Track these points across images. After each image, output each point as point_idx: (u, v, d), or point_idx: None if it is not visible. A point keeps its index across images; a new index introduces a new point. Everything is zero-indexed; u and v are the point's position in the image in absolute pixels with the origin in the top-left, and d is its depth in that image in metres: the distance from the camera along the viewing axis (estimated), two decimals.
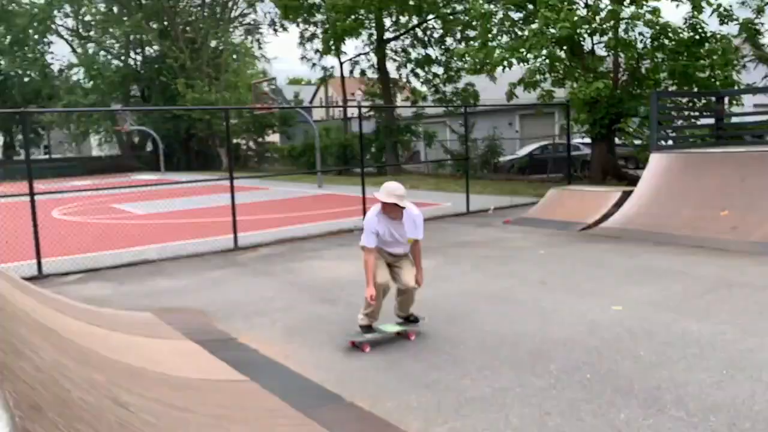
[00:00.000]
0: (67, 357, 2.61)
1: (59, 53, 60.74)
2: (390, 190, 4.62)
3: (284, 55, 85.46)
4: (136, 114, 36.09)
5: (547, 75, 15.58)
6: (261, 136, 36.38)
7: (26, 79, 43.81)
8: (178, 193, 16.41)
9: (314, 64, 28.74)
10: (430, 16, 24.97)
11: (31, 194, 8.14)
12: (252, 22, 41.48)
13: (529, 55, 14.34)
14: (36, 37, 41.61)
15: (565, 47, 14.74)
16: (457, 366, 4.23)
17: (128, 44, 41.87)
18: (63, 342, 3.07)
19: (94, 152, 54.22)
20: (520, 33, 15.39)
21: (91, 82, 39.33)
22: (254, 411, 3.32)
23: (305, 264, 8.13)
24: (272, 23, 38.76)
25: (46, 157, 47.63)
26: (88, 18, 42.01)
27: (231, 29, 39.83)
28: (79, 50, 42.34)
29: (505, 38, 15.62)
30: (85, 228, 12.21)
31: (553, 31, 13.26)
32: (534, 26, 14.13)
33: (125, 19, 38.48)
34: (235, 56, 38.62)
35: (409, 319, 5.04)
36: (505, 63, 14.44)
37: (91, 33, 42.62)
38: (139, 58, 43.56)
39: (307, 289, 6.78)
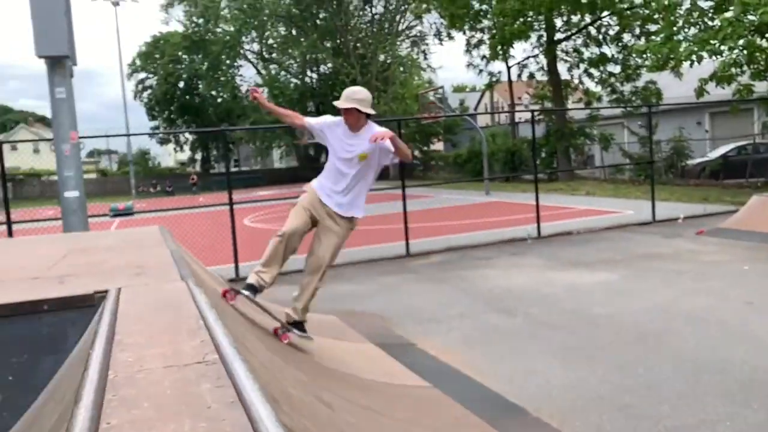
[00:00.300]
0: (278, 356, 2.85)
1: (246, 75, 67.56)
2: (348, 93, 3.98)
3: (449, 64, 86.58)
4: None
5: (745, 67, 13.91)
6: (426, 144, 37.11)
7: (219, 100, 49.38)
8: None
9: (481, 71, 28.64)
10: (605, 13, 23.60)
11: (231, 204, 9.11)
12: (418, 34, 42.56)
13: (722, 47, 12.93)
14: (228, 61, 46.76)
15: (767, 35, 13.06)
16: (651, 390, 3.90)
17: (305, 63, 45.26)
18: (272, 342, 3.36)
19: (276, 165, 59.32)
20: (710, 23, 13.93)
21: (274, 101, 43.14)
22: (441, 418, 3.35)
23: (478, 272, 8.08)
24: (437, 33, 39.42)
25: (236, 169, 52.99)
26: (270, 41, 46.27)
27: (398, 42, 41.21)
28: (263, 71, 46.68)
29: (692, 30, 14.26)
30: (272, 234, 13.33)
31: (752, 17, 11.82)
32: (728, 14, 12.71)
33: (302, 40, 41.69)
34: (402, 68, 39.87)
35: (294, 322, 4.11)
36: (694, 57, 13.16)
37: (273, 55, 46.82)
38: (314, 75, 46.88)
39: (481, 298, 6.72)
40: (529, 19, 23.16)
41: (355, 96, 3.95)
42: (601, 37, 24.91)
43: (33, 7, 7.25)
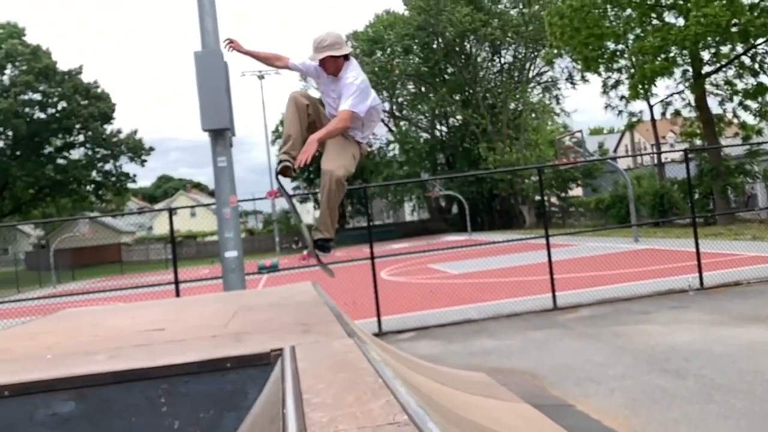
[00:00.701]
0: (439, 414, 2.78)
1: (378, 133, 70.63)
2: (316, 45, 3.67)
3: (583, 106, 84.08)
4: (443, 180, 39.26)
5: None
6: (564, 190, 35.91)
7: None
8: (488, 252, 17.02)
9: (620, 111, 27.41)
10: (760, 41, 21.73)
11: (372, 258, 9.33)
12: (549, 80, 42.00)
13: None
14: None
15: None
16: None
17: (434, 117, 46.32)
18: (423, 396, 3.30)
19: (407, 217, 60.46)
20: None
21: (404, 156, 44.39)
22: None
23: (635, 328, 7.48)
24: (569, 77, 38.62)
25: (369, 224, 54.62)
26: (400, 99, 48.09)
27: (529, 89, 40.92)
28: (394, 128, 48.41)
29: None
30: (410, 288, 13.46)
31: None
32: None
33: (431, 95, 42.83)
34: (533, 114, 39.39)
35: (316, 240, 3.97)
36: None
37: (404, 112, 48.50)
38: (443, 128, 47.74)
39: (642, 356, 6.18)
40: (672, 54, 21.93)
41: (324, 44, 3.67)
42: (756, 66, 22.89)
43: (199, 87, 8.14)
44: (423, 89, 45.71)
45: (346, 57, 3.78)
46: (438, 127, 47.87)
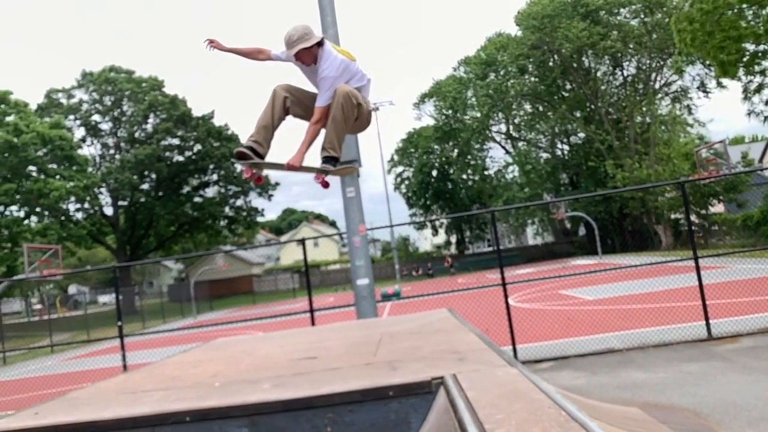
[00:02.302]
0: None
1: (496, 156, 69.65)
2: (287, 41, 3.68)
3: (720, 115, 77.61)
4: (569, 201, 37.71)
5: None
6: (704, 207, 33.07)
7: (470, 183, 51.46)
8: (623, 276, 15.97)
9: (766, 118, 24.92)
10: None
11: (504, 284, 9.06)
12: (679, 89, 39.29)
13: None
14: (476, 145, 48.86)
15: None
16: None
17: (554, 136, 44.90)
18: None
19: (530, 241, 58.67)
20: None
21: (525, 177, 43.31)
22: None
23: None
24: (701, 85, 35.87)
25: (490, 249, 53.74)
26: (517, 120, 47.22)
27: (656, 101, 38.50)
28: (512, 150, 47.53)
29: None
30: (543, 314, 12.91)
31: None
32: None
33: (550, 114, 41.60)
34: (663, 127, 36.88)
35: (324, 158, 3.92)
36: None
37: (521, 132, 47.54)
38: (565, 147, 46.11)
39: None
40: None
41: (293, 39, 3.70)
42: None
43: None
44: (540, 108, 44.60)
45: (319, 44, 3.80)
46: (559, 146, 46.37)
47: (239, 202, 50.95)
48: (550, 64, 41.27)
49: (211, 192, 50.92)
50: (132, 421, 2.46)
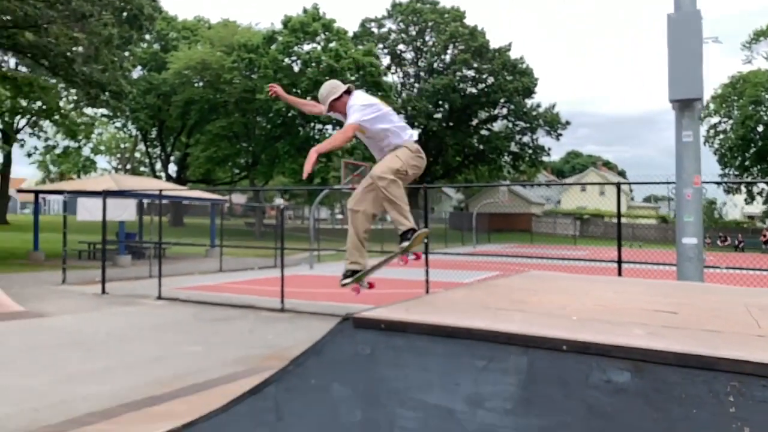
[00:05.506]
0: None
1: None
2: (321, 100, 4.17)
3: None
4: None
5: None
6: None
7: None
8: None
9: None
10: None
11: None
12: None
13: None
14: None
15: None
16: None
17: None
18: None
19: None
20: None
21: None
22: None
23: None
24: None
25: None
26: None
27: None
28: None
29: None
30: None
31: None
32: None
33: None
34: None
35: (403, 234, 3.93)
36: None
37: None
38: None
39: None
40: None
41: (323, 96, 4.12)
42: None
43: (671, 52, 7.47)
44: None
45: (347, 92, 4.11)
46: None
47: (525, 139, 50.46)
48: None
49: (498, 126, 51.34)
50: (506, 336, 2.47)
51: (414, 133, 4.11)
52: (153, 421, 4.43)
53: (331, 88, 4.15)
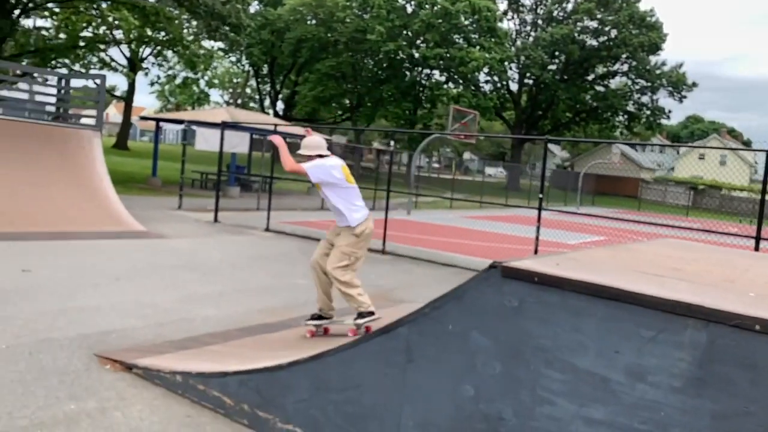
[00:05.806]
0: None
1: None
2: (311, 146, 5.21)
3: None
4: None
5: None
6: None
7: None
8: None
9: None
10: None
11: None
12: None
13: None
14: None
15: None
16: None
17: None
18: None
19: None
20: None
21: None
22: None
23: None
24: None
25: None
26: None
27: None
28: None
29: None
30: None
31: None
32: None
33: None
34: None
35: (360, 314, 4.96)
36: None
37: None
38: None
39: None
40: None
41: (311, 147, 5.14)
42: None
43: None
44: None
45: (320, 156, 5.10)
46: None
47: (644, 99, 47.05)
48: None
49: (615, 83, 48.12)
50: (685, 306, 2.19)
51: (362, 216, 4.89)
52: (273, 348, 4.54)
53: (309, 144, 5.13)
